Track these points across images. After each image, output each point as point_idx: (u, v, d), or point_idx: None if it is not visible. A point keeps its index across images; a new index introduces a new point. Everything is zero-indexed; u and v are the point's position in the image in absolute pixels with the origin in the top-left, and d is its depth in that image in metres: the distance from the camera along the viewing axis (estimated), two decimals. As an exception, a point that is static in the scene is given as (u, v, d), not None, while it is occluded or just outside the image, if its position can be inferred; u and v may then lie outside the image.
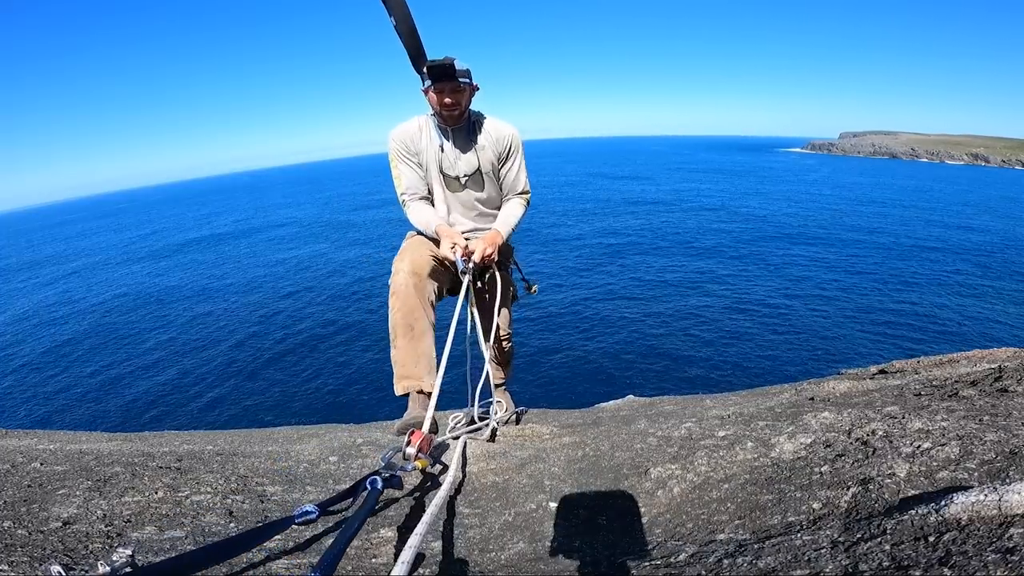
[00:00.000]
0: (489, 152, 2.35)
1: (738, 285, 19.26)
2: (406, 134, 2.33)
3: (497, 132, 2.35)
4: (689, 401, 2.92)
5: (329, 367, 14.22)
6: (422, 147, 2.33)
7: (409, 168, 2.36)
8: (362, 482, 1.21)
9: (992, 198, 44.32)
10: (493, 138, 2.34)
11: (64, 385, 15.00)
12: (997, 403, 1.49)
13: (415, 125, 2.33)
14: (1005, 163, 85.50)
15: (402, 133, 2.33)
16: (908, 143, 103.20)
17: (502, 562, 1.25)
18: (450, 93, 2.12)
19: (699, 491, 1.40)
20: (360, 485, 1.20)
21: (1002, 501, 0.88)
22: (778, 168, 77.94)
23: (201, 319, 19.47)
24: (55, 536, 1.25)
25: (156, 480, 1.63)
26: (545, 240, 27.73)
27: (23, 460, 1.88)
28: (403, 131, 2.33)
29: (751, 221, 32.47)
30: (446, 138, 2.30)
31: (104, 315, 21.62)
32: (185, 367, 15.18)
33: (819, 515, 1.11)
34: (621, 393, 4.41)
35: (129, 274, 29.93)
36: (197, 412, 12.58)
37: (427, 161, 2.34)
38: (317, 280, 23.64)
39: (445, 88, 2.10)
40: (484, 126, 2.34)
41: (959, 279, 20.03)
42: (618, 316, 16.44)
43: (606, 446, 1.89)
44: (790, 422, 1.66)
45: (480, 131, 2.33)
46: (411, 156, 2.34)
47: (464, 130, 2.31)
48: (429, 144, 2.32)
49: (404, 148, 2.33)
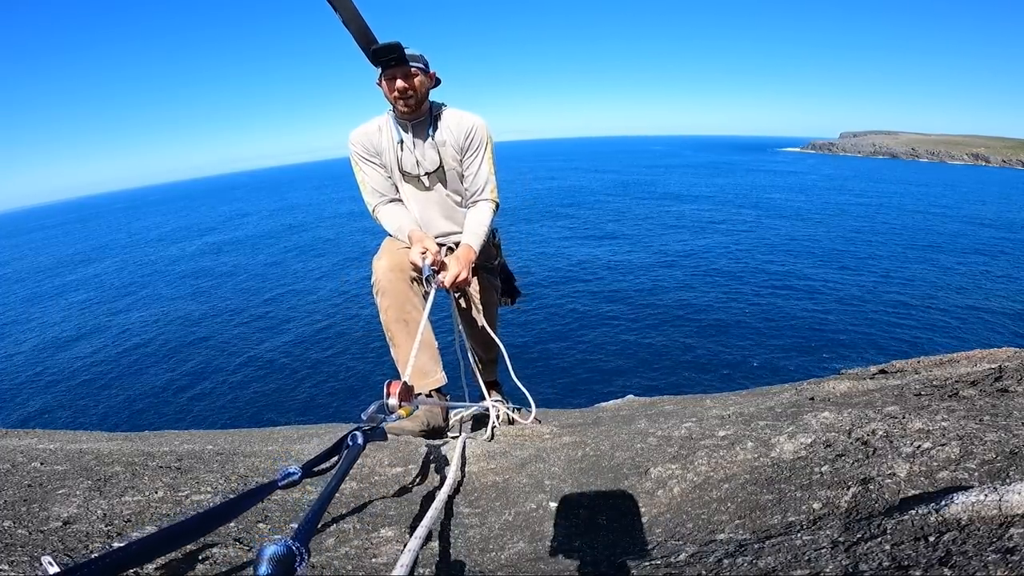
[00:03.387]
0: (450, 147, 2.19)
1: (738, 285, 19.25)
2: (365, 135, 2.21)
3: (458, 124, 2.18)
4: (689, 401, 2.92)
5: (329, 367, 14.23)
6: (383, 147, 2.21)
7: (373, 170, 2.24)
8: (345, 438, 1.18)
9: (992, 198, 44.30)
10: (455, 132, 2.18)
11: (64, 385, 15.00)
12: (997, 403, 1.49)
13: (375, 125, 2.22)
14: (1006, 163, 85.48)
15: (361, 135, 2.21)
16: (908, 143, 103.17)
17: (502, 562, 1.25)
18: (402, 78, 1.98)
19: (699, 491, 1.40)
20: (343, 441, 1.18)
21: (1002, 501, 0.88)
22: (778, 168, 77.94)
23: (201, 319, 19.47)
24: (55, 536, 1.25)
25: (156, 480, 1.63)
26: (545, 240, 27.73)
27: (23, 460, 1.88)
28: (362, 132, 2.22)
29: (750, 221, 32.46)
30: (405, 132, 2.16)
31: (104, 314, 21.62)
32: (185, 367, 15.19)
33: (819, 515, 1.11)
34: (621, 393, 4.41)
35: (130, 274, 29.93)
36: (197, 412, 12.59)
37: (389, 161, 2.22)
38: (317, 280, 23.64)
39: (396, 73, 1.98)
40: (444, 118, 2.19)
41: (959, 279, 20.03)
42: (618, 316, 16.44)
43: (606, 446, 1.89)
44: (790, 422, 1.66)
45: (441, 124, 2.18)
46: (373, 156, 2.22)
47: (424, 124, 2.17)
48: (390, 142, 2.19)
49: (364, 150, 2.22)
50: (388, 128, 2.20)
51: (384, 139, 2.20)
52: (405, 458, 1.93)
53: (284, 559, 0.60)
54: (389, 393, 1.45)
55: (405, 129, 2.17)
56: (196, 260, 31.69)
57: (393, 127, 2.18)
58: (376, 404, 1.41)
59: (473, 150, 2.22)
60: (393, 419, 1.43)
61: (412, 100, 2.04)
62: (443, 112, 2.21)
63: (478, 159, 2.23)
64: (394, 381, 1.51)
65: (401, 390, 1.46)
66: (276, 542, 0.61)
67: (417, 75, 2.02)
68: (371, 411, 1.38)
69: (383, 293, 2.17)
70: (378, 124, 2.22)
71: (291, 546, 0.61)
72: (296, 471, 1.05)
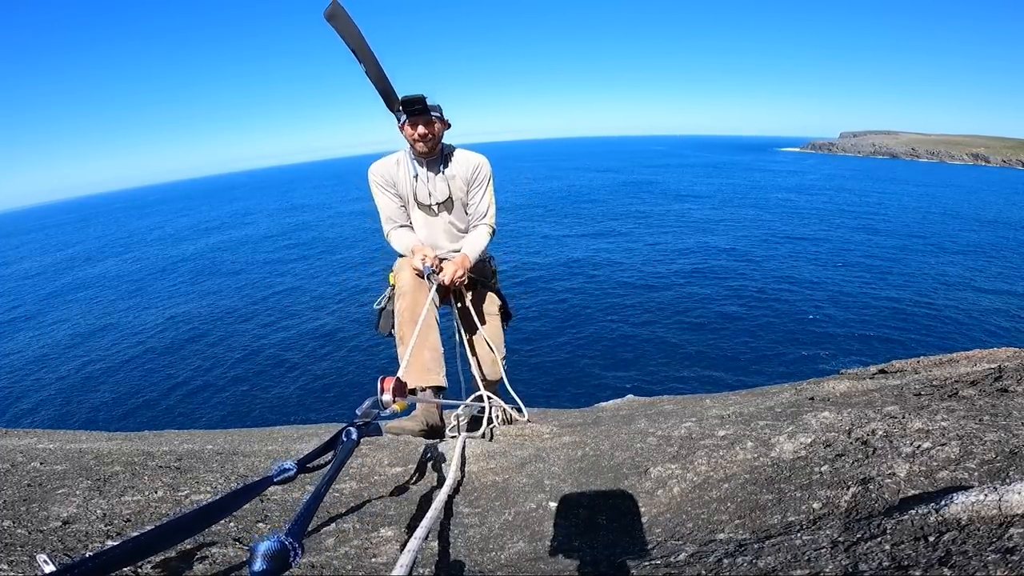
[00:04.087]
0: (459, 180, 2.58)
1: (738, 285, 19.26)
2: (384, 167, 2.57)
3: (467, 161, 2.58)
4: (689, 401, 2.92)
5: (329, 367, 14.23)
6: (399, 179, 2.57)
7: (387, 199, 2.60)
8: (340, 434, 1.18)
9: (992, 198, 44.32)
10: (463, 168, 2.58)
11: (64, 385, 15.00)
12: (997, 403, 1.49)
13: (393, 160, 2.58)
14: (1006, 163, 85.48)
15: (381, 167, 2.58)
16: (908, 143, 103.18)
17: (502, 562, 1.25)
18: (424, 124, 2.35)
19: (699, 491, 1.40)
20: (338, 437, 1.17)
21: (1002, 501, 0.88)
22: (777, 168, 77.98)
23: (201, 319, 19.47)
24: (55, 535, 1.25)
25: (156, 480, 1.63)
26: (545, 239, 27.73)
27: (23, 459, 1.88)
28: (382, 165, 2.58)
29: (751, 221, 32.47)
30: (421, 168, 2.53)
31: (103, 315, 21.62)
32: (185, 367, 15.19)
33: (819, 515, 1.11)
34: (621, 393, 4.41)
35: (130, 273, 29.93)
36: (197, 412, 12.59)
37: (405, 191, 2.58)
38: (317, 280, 23.64)
39: (419, 121, 2.34)
40: (455, 156, 2.58)
41: (959, 279, 20.03)
42: (618, 316, 16.44)
43: (606, 446, 1.89)
44: (790, 422, 1.66)
45: (451, 161, 2.57)
46: (389, 187, 2.58)
47: (437, 162, 2.55)
48: (407, 176, 2.56)
49: (383, 180, 2.57)
50: (405, 163, 2.57)
51: (401, 172, 2.57)
52: (405, 458, 1.94)
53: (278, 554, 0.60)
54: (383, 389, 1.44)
55: (421, 165, 2.54)
56: (196, 260, 31.69)
57: (409, 163, 2.55)
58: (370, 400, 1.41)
59: (479, 183, 2.62)
60: (387, 414, 1.43)
61: (431, 142, 2.41)
62: (454, 152, 2.60)
63: (482, 190, 2.64)
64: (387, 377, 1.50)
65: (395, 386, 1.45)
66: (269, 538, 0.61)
67: (436, 122, 2.39)
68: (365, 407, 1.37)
69: (403, 296, 2.46)
70: (397, 159, 2.58)
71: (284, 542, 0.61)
72: (291, 466, 1.05)
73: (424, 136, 2.37)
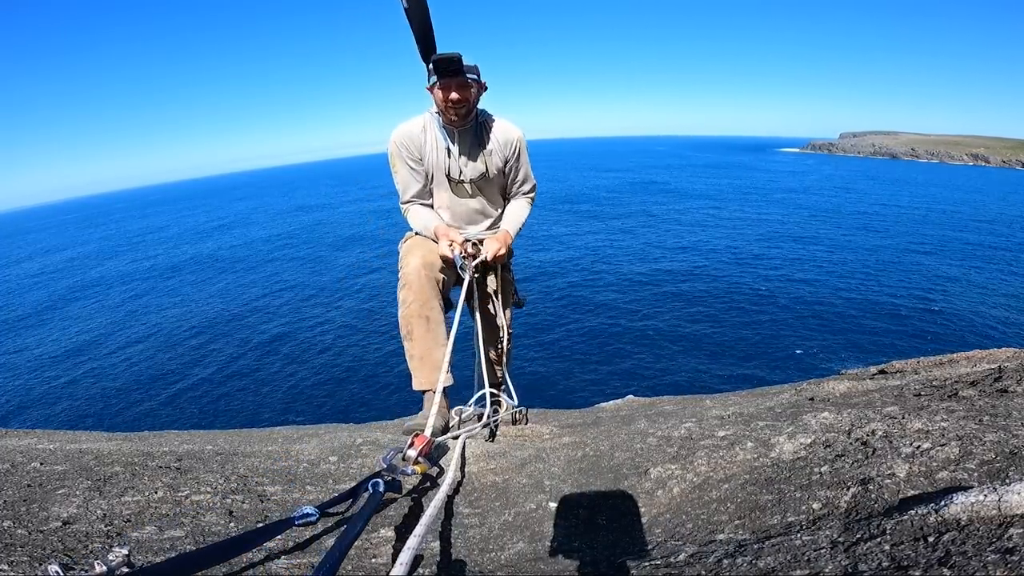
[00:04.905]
0: (496, 157, 2.26)
1: (738, 285, 19.26)
2: (408, 135, 2.21)
3: (505, 136, 2.26)
4: (689, 401, 2.92)
5: (329, 367, 14.23)
6: (426, 150, 2.22)
7: (409, 171, 2.27)
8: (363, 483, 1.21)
9: (992, 198, 44.31)
10: (501, 142, 2.26)
11: (64, 385, 14.99)
12: (997, 403, 1.49)
13: (419, 125, 2.21)
14: (1005, 163, 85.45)
15: (404, 134, 2.21)
16: (908, 143, 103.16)
17: (502, 562, 1.25)
18: (457, 89, 2.01)
19: (699, 491, 1.40)
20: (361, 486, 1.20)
21: (1002, 501, 0.88)
22: (777, 168, 77.99)
23: (201, 320, 19.47)
24: (55, 536, 1.25)
25: (156, 480, 1.63)
26: (545, 238, 27.73)
27: (23, 460, 1.88)
28: (405, 132, 2.21)
29: (749, 221, 32.48)
30: (452, 140, 2.19)
31: (103, 315, 21.62)
32: (185, 367, 15.18)
33: (819, 515, 1.11)
34: (621, 393, 4.41)
35: (131, 273, 29.94)
36: (197, 412, 12.59)
37: (431, 165, 2.24)
38: (317, 280, 23.65)
39: (452, 84, 2.00)
40: (492, 129, 2.25)
41: (959, 279, 20.03)
42: (618, 316, 16.44)
43: (606, 446, 1.89)
44: (790, 422, 1.66)
45: (489, 134, 2.23)
46: (412, 158, 2.24)
47: (471, 132, 2.20)
48: (435, 147, 2.21)
49: (406, 150, 2.22)
50: (434, 132, 2.21)
51: (428, 142, 2.22)
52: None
53: None
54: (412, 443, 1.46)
55: (451, 135, 2.19)
56: (196, 261, 31.69)
57: (439, 132, 2.20)
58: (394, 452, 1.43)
59: (516, 158, 2.34)
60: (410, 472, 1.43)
61: (463, 110, 2.08)
62: (491, 122, 2.26)
63: (521, 165, 2.37)
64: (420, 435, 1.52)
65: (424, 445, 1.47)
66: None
67: (472, 86, 2.06)
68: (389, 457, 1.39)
69: (408, 287, 2.18)
70: (422, 124, 2.22)
71: None
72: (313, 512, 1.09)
73: (457, 103, 2.03)
